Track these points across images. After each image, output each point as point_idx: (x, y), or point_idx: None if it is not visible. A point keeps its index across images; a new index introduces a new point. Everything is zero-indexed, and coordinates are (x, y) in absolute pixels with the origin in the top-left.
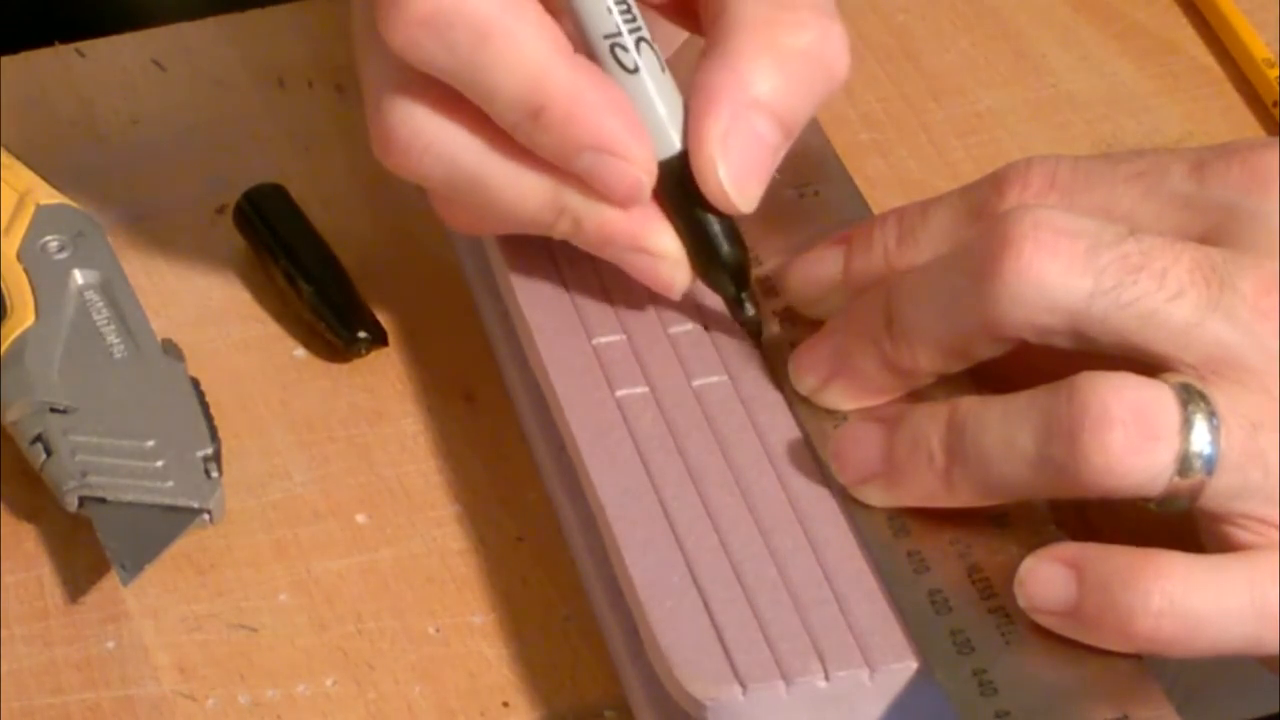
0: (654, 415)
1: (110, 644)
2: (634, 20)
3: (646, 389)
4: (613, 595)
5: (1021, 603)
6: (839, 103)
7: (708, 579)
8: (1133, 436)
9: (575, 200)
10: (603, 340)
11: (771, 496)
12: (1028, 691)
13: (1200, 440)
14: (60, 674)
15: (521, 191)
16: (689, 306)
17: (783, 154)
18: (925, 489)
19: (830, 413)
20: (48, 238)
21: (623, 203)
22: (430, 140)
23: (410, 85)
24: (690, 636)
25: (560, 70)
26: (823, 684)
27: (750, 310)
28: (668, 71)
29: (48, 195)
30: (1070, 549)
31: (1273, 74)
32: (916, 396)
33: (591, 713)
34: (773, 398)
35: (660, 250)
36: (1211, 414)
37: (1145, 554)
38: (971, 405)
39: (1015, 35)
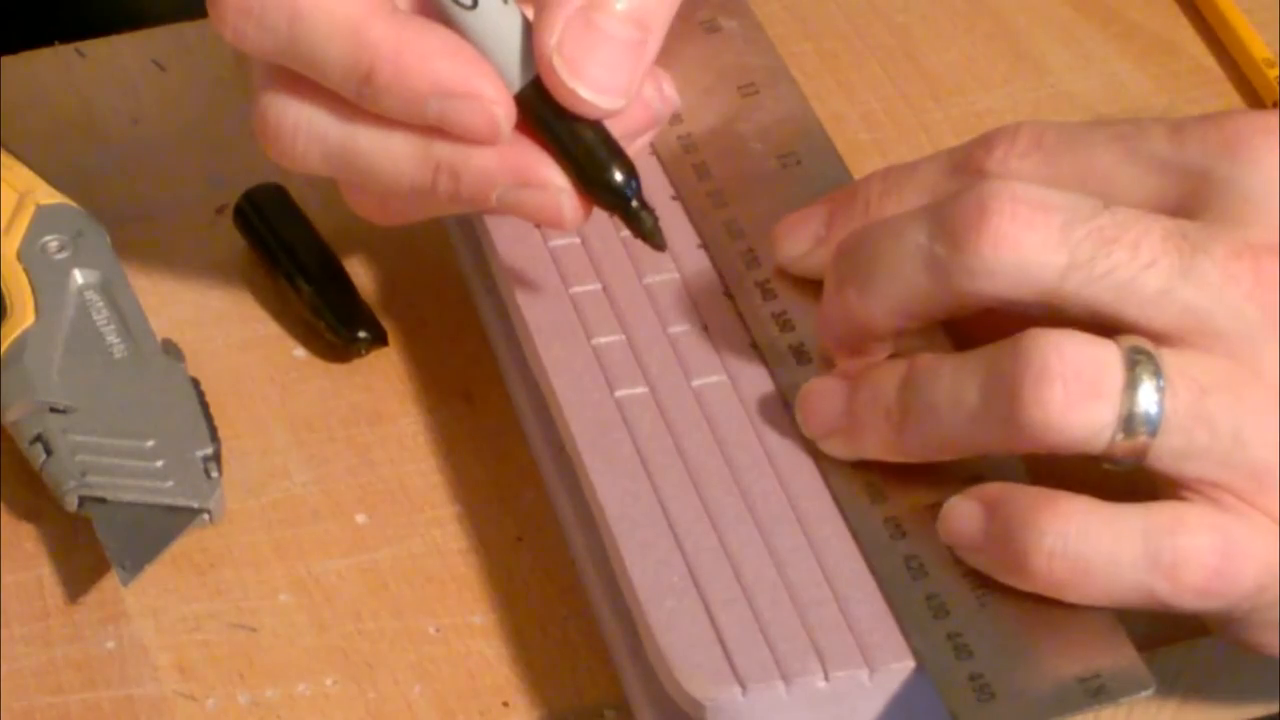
0: (654, 415)
1: (110, 644)
2: None
3: (646, 389)
4: (613, 595)
5: (941, 537)
6: (839, 102)
7: (707, 579)
8: (1072, 393)
9: (445, 151)
10: (602, 340)
11: (771, 496)
12: (1002, 654)
13: (1147, 400)
14: (60, 674)
15: (392, 156)
16: (688, 306)
17: (649, 49)
18: (881, 442)
19: None
20: (48, 238)
21: (486, 140)
22: (295, 124)
23: (269, 75)
24: (690, 636)
25: (378, 28)
26: (822, 684)
27: (647, 220)
28: (512, 1)
29: (48, 195)
30: (991, 489)
31: (1273, 74)
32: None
33: (591, 713)
34: (773, 398)
35: (544, 180)
36: (1157, 374)
37: (1050, 495)
38: (927, 361)
39: (1015, 35)
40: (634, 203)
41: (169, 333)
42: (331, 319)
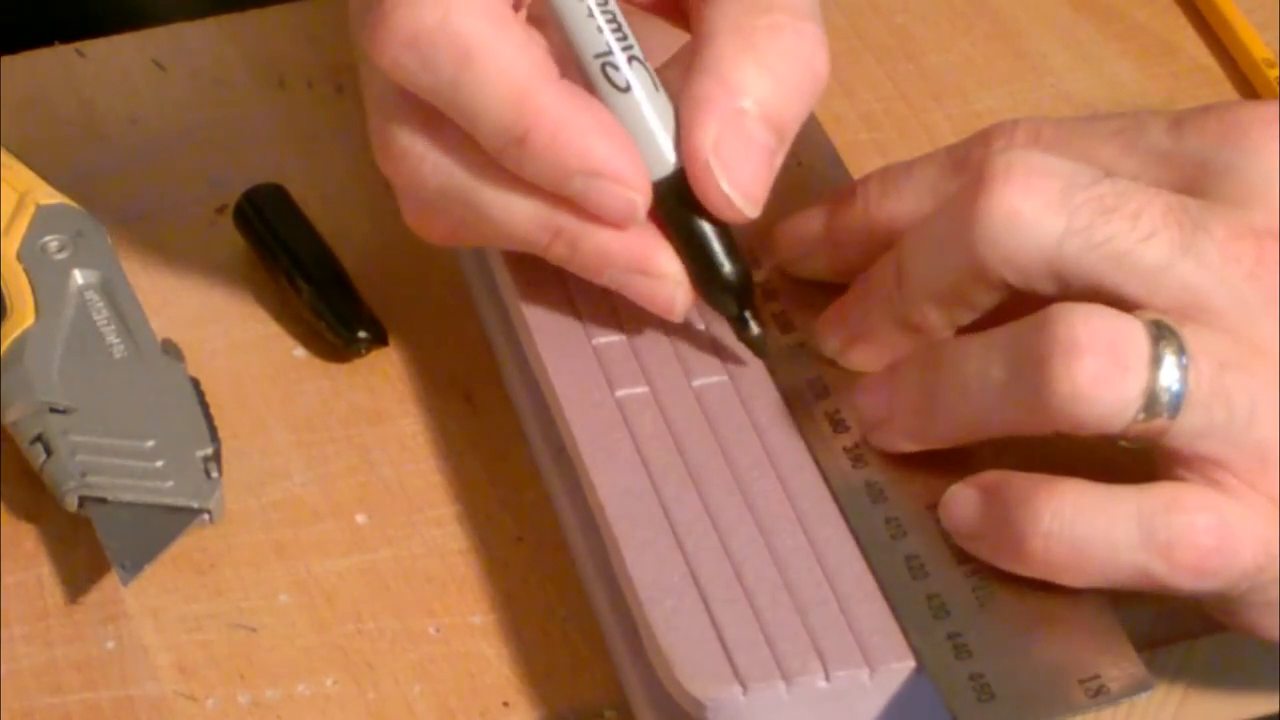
0: (654, 415)
1: (110, 644)
2: (625, 39)
3: (646, 389)
4: (613, 595)
5: (942, 524)
6: (839, 102)
7: (708, 579)
8: (1102, 366)
9: (570, 223)
10: (603, 340)
11: (771, 497)
12: (1002, 654)
13: (1169, 376)
14: (60, 674)
15: (514, 213)
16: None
17: (781, 157)
18: (915, 427)
19: (829, 413)
20: (48, 238)
21: (618, 224)
22: (421, 156)
23: (403, 101)
24: (690, 636)
25: (544, 94)
26: (823, 683)
27: (755, 329)
28: (661, 88)
29: (48, 195)
30: (989, 475)
31: (1273, 74)
32: None
33: (591, 713)
34: (773, 397)
35: (660, 270)
36: (1181, 351)
37: (1046, 479)
38: (956, 342)
39: (1015, 35)
40: (746, 311)
41: (169, 333)
42: (331, 319)
